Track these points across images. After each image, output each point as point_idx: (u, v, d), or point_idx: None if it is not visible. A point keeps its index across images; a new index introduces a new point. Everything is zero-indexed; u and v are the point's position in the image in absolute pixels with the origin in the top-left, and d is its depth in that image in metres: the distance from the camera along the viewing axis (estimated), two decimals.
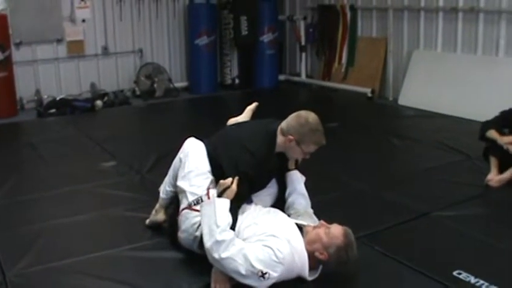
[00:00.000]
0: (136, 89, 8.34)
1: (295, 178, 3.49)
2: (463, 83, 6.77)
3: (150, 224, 3.66)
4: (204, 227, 2.85)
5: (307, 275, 2.90)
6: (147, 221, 3.68)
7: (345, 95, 8.18)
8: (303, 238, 2.93)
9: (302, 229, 3.00)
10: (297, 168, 3.53)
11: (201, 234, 2.89)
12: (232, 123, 3.86)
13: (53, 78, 7.83)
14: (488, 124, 4.58)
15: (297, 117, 3.28)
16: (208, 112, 7.50)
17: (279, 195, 3.54)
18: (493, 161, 4.45)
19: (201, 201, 3.11)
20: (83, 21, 7.96)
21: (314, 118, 3.26)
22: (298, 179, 3.49)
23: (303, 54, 9.18)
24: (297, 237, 2.91)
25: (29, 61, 7.61)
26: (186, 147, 3.43)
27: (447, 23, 7.09)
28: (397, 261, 3.19)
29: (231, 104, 8.19)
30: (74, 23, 7.89)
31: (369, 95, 7.86)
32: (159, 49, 8.74)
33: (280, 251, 2.75)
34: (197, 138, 3.49)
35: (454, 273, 3.04)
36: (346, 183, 4.49)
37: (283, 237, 2.84)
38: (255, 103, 4.05)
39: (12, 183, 4.62)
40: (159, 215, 3.62)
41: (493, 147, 4.48)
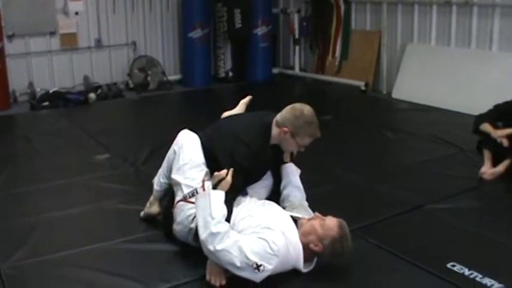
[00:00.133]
0: (130, 82, 8.30)
1: (291, 171, 3.50)
2: (457, 76, 6.79)
3: (145, 216, 3.66)
4: (199, 219, 2.84)
5: (302, 267, 2.90)
6: (141, 214, 3.68)
7: (339, 88, 8.16)
8: (297, 230, 2.93)
9: (297, 221, 3.00)
10: (292, 161, 3.54)
11: (196, 226, 2.89)
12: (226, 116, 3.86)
13: (46, 71, 7.79)
14: (481, 117, 4.59)
15: (292, 110, 3.28)
16: (202, 105, 7.48)
17: (274, 188, 3.55)
18: (487, 154, 4.47)
19: (196, 194, 3.09)
20: (76, 13, 7.90)
21: (309, 111, 3.27)
22: (293, 172, 3.50)
23: (297, 48, 9.15)
24: (291, 230, 2.92)
25: (22, 54, 7.56)
26: (180, 139, 3.42)
27: (441, 17, 7.09)
28: (392, 254, 3.20)
29: (225, 97, 8.18)
30: (67, 15, 7.83)
31: (363, 88, 7.85)
32: (152, 42, 8.69)
33: (275, 243, 2.75)
34: (191, 130, 3.48)
35: (448, 265, 3.05)
36: (339, 176, 4.50)
37: (278, 230, 2.84)
38: (248, 96, 4.05)
39: (7, 175, 4.61)
40: (153, 207, 3.62)
41: (486, 141, 4.50)
